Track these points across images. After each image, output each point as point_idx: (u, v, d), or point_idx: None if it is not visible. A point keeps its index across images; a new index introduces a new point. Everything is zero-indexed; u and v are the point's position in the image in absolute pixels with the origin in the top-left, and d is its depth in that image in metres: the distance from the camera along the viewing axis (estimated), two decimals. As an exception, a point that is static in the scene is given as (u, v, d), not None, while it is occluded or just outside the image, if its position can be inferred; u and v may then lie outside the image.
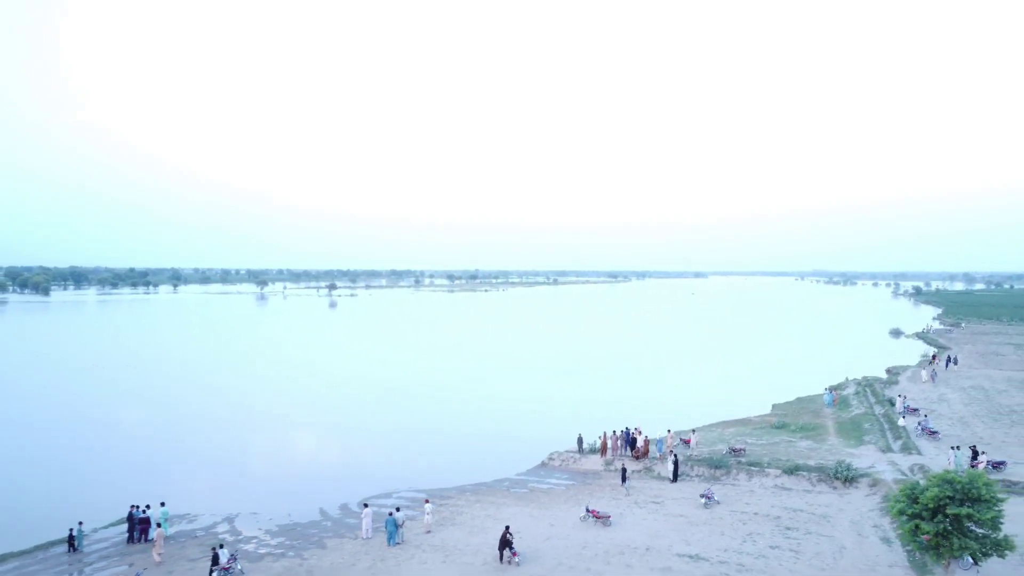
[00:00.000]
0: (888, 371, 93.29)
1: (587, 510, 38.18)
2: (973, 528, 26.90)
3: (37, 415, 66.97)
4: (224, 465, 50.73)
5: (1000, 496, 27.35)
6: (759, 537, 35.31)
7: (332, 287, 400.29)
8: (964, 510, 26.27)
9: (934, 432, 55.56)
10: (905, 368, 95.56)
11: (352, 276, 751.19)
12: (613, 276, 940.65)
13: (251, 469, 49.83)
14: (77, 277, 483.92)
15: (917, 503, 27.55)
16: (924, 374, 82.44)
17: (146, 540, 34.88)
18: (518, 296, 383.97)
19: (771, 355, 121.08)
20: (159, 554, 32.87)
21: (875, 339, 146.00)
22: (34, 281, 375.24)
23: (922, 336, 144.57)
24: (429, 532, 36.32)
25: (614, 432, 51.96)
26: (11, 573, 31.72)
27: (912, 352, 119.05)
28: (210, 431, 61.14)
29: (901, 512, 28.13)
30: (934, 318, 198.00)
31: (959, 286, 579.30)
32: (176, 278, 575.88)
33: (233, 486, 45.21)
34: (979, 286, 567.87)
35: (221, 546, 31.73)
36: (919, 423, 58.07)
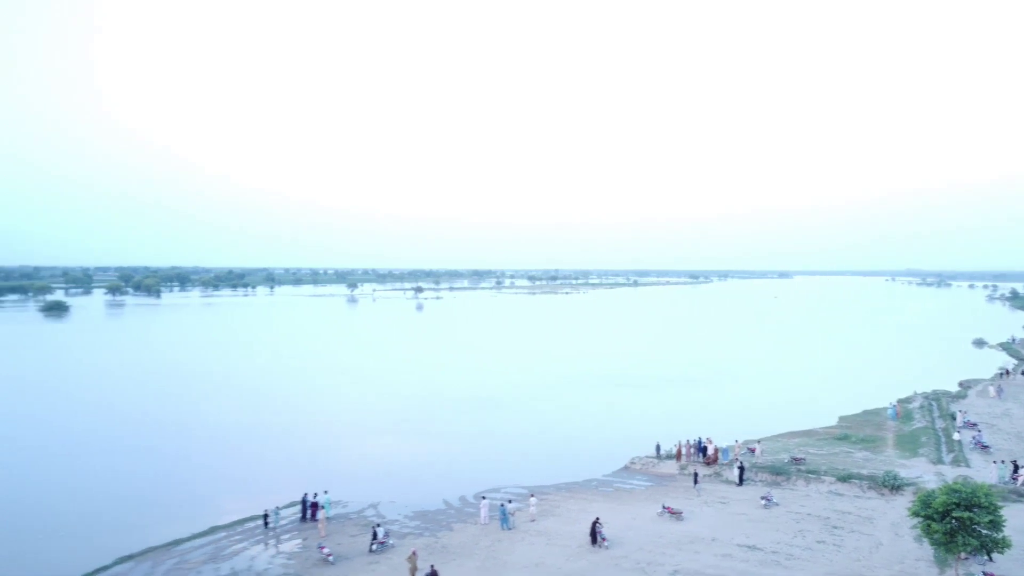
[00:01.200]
0: (960, 384, 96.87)
1: (663, 507, 46.09)
2: (978, 529, 33.61)
3: (195, 415, 78.97)
4: (361, 461, 60.60)
5: (998, 504, 33.93)
6: (808, 533, 42.45)
7: (418, 289, 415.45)
8: (966, 514, 33.07)
9: (986, 446, 60.85)
10: (978, 381, 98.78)
11: (435, 277, 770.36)
12: (694, 277, 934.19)
13: (383, 465, 59.50)
14: (181, 279, 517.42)
15: (930, 508, 34.42)
16: (991, 389, 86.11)
17: (314, 519, 44.68)
18: (598, 298, 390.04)
19: (846, 365, 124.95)
20: (324, 531, 42.70)
21: (956, 349, 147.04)
22: (146, 284, 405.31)
23: (1006, 347, 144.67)
24: (533, 521, 44.91)
25: (687, 441, 59.53)
26: (223, 540, 42.05)
27: (992, 364, 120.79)
28: (342, 431, 71.54)
29: (915, 514, 35.08)
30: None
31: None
32: (270, 279, 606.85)
33: (371, 479, 54.91)
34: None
35: (378, 525, 41.35)
36: (973, 437, 63.27)
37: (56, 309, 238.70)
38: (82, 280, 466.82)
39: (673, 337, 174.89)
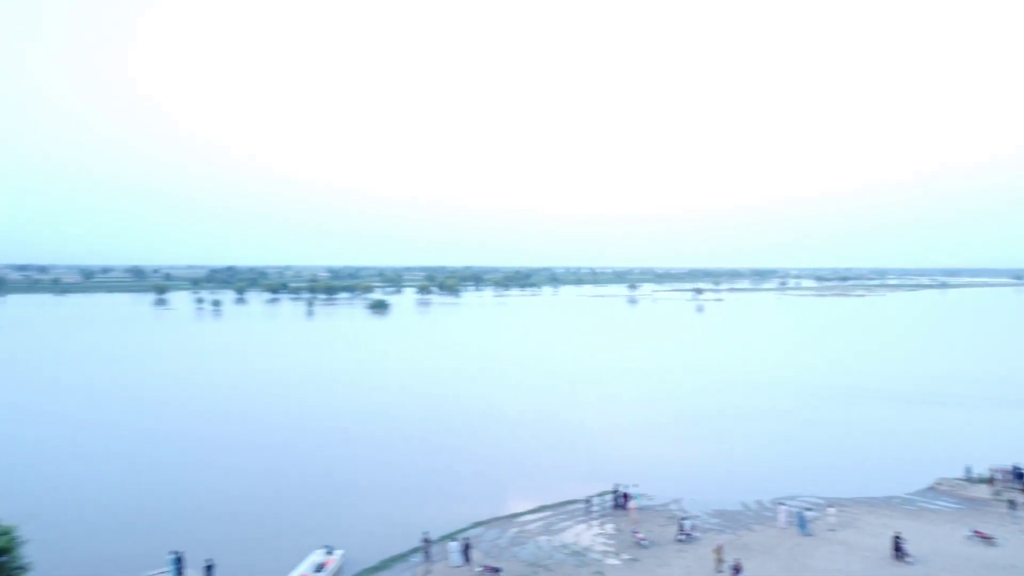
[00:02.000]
0: None
1: (972, 531, 45.64)
2: None
3: (513, 406, 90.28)
4: (662, 459, 66.20)
5: None
6: None
7: (698, 291, 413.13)
8: None
9: None
10: None
11: (714, 276, 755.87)
12: (1019, 277, 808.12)
13: (682, 465, 64.57)
14: (475, 279, 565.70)
15: None
16: None
17: (625, 508, 51.03)
18: (896, 302, 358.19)
19: None
20: (635, 519, 48.82)
21: None
22: (448, 284, 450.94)
23: None
24: (832, 530, 47.05)
25: (1002, 465, 56.78)
26: (551, 517, 50.19)
27: None
28: (643, 429, 77.86)
29: None
30: None
31: None
32: (553, 279, 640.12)
33: (673, 477, 60.23)
34: None
35: (684, 518, 46.56)
36: None
37: (380, 307, 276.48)
38: (394, 280, 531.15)
39: (984, 348, 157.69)
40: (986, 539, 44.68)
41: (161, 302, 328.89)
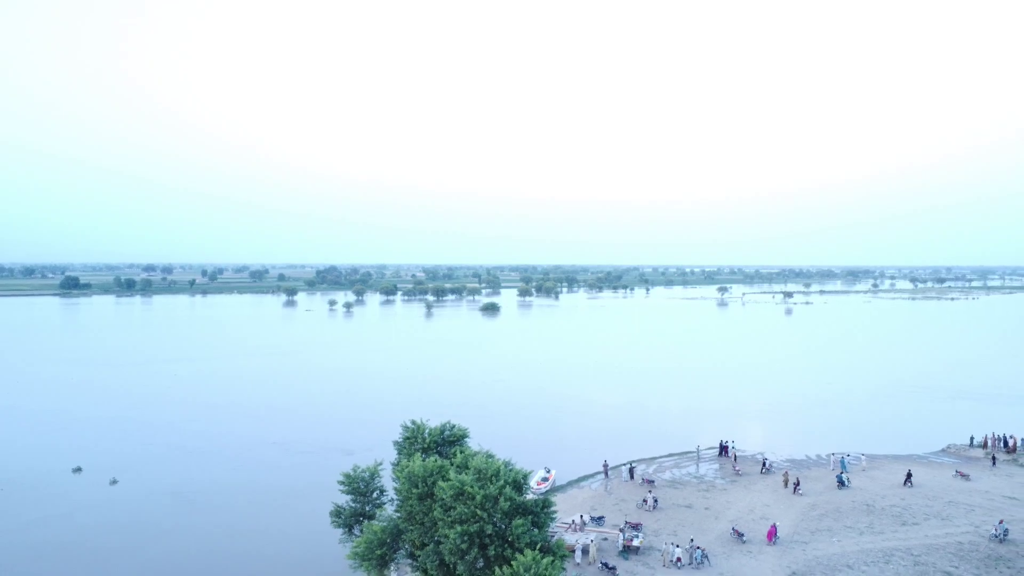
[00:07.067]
0: None
1: (956, 471, 70.56)
2: None
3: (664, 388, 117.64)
4: (751, 423, 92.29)
5: None
6: (1063, 497, 64.00)
7: (788, 294, 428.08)
8: None
9: None
10: None
11: (805, 277, 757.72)
12: None
13: (766, 427, 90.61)
14: (568, 280, 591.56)
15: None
16: None
17: (727, 455, 77.73)
18: (992, 306, 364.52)
19: None
20: (735, 464, 75.51)
21: None
22: (546, 286, 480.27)
23: None
24: (864, 470, 72.46)
25: (994, 434, 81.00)
26: (677, 459, 77.53)
27: None
28: (745, 406, 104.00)
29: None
30: None
31: None
32: (643, 280, 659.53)
33: (761, 435, 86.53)
34: None
35: (766, 459, 73.24)
36: None
37: (492, 308, 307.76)
38: (491, 281, 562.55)
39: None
40: (964, 476, 69.54)
41: (291, 303, 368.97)
